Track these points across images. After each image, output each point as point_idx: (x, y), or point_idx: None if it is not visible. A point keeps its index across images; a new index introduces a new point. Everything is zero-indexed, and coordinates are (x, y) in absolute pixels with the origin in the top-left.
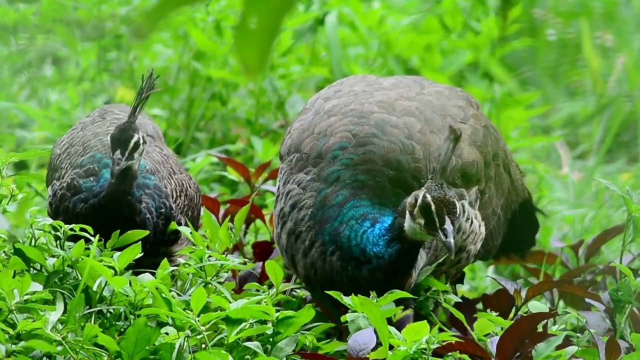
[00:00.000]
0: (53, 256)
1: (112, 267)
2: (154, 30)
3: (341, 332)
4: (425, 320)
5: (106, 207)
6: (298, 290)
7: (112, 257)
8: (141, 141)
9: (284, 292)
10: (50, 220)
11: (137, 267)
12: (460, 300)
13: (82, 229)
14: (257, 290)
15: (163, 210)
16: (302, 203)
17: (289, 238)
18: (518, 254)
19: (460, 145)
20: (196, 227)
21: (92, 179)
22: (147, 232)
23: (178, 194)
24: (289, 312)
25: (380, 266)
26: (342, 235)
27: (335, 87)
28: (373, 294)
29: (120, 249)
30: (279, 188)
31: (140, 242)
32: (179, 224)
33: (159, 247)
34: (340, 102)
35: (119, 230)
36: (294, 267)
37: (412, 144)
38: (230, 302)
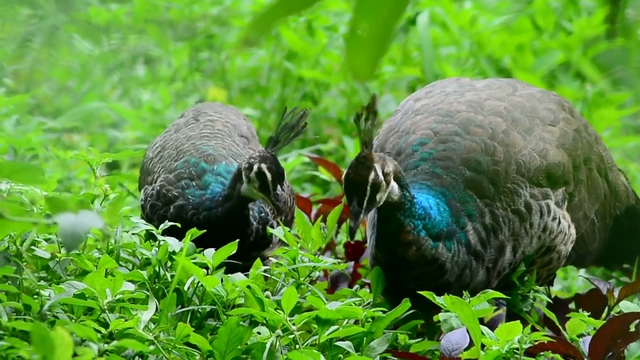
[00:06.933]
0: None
1: (205, 267)
2: (263, 37)
3: (431, 331)
4: (518, 320)
5: (223, 220)
6: None
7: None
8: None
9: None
10: (144, 224)
11: (228, 272)
12: (552, 301)
13: (168, 230)
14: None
15: (263, 214)
16: None
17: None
18: (629, 263)
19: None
20: (290, 229)
21: (194, 183)
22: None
23: None
24: (379, 309)
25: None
26: None
27: (427, 89)
28: (466, 294)
29: None
30: None
31: (236, 242)
32: (272, 228)
33: (251, 251)
34: (429, 102)
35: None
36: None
37: (493, 145)
38: (324, 303)
